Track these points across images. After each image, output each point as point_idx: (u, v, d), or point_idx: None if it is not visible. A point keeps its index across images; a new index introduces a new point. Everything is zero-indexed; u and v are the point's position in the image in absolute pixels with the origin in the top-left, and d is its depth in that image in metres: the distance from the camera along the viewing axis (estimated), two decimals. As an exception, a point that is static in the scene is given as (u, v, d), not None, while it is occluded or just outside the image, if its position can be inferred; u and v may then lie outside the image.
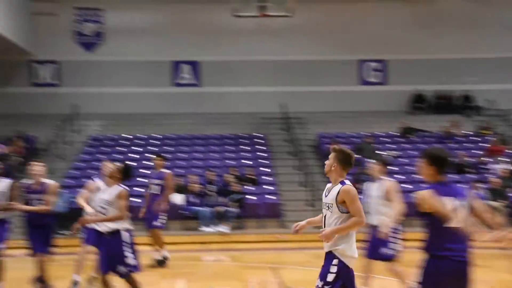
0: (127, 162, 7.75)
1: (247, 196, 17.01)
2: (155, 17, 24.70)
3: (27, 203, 8.42)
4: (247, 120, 23.64)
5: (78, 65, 24.23)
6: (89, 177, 18.55)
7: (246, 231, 16.42)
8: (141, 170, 19.32)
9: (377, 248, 7.71)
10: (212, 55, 24.55)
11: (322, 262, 10.32)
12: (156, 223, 11.06)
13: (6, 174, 8.96)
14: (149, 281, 10.31)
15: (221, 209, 16.31)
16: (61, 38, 24.27)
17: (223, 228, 15.98)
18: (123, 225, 7.07)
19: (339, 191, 5.24)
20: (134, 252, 7.10)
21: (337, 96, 24.38)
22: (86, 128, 22.94)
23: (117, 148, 21.18)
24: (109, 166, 7.72)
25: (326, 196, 5.39)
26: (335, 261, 5.16)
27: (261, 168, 19.51)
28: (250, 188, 17.72)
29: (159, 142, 21.76)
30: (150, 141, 21.85)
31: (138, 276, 7.42)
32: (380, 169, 8.11)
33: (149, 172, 18.71)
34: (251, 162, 19.89)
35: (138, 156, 20.32)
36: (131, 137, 22.10)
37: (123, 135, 22.24)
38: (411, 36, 24.28)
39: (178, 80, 24.76)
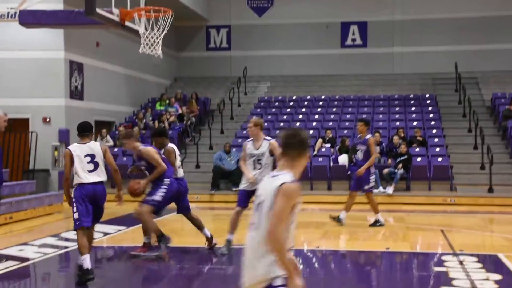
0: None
1: (414, 158, 16.59)
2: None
3: None
4: (416, 81, 22.94)
5: (247, 29, 25.02)
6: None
7: (412, 193, 16.08)
8: (307, 130, 19.65)
9: None
10: (381, 15, 23.99)
11: (493, 227, 9.84)
12: (367, 186, 10.89)
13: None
14: (312, 238, 10.58)
15: (387, 170, 16.10)
16: (233, 3, 25.17)
17: (388, 189, 15.79)
18: None
19: None
20: None
21: (517, 54, 22.68)
22: (254, 90, 23.75)
23: (284, 109, 21.67)
24: None
25: None
26: None
27: (430, 130, 18.86)
28: (417, 150, 17.25)
29: (324, 103, 21.89)
30: (316, 102, 22.05)
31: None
32: None
33: (311, 132, 19.05)
34: (418, 124, 19.30)
35: (303, 117, 20.65)
36: (297, 98, 22.46)
37: (290, 96, 22.69)
38: None
39: (346, 42, 24.56)
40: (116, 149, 18.43)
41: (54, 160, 17.10)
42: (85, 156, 7.00)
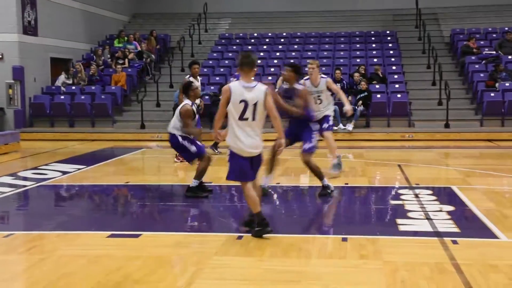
0: None
1: (374, 95, 16.74)
2: None
3: None
4: (377, 17, 22.86)
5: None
6: (218, 74, 19.10)
7: (372, 130, 16.31)
8: (268, 67, 19.54)
9: None
10: None
11: (450, 161, 10.07)
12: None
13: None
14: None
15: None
16: None
17: (348, 126, 15.96)
18: None
19: None
20: None
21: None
22: (215, 27, 23.35)
23: (245, 46, 21.43)
24: None
25: None
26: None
27: (390, 67, 18.98)
28: (377, 87, 17.39)
29: (286, 40, 21.70)
30: (278, 39, 21.85)
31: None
32: None
33: (273, 70, 18.93)
34: (378, 60, 19.38)
35: (264, 54, 20.48)
36: (258, 35, 22.20)
37: (251, 33, 22.40)
38: None
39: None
40: (74, 88, 18.08)
41: (9, 98, 16.67)
42: None
